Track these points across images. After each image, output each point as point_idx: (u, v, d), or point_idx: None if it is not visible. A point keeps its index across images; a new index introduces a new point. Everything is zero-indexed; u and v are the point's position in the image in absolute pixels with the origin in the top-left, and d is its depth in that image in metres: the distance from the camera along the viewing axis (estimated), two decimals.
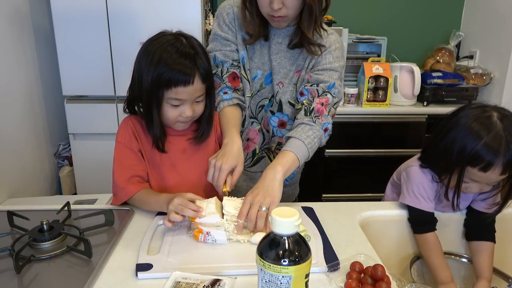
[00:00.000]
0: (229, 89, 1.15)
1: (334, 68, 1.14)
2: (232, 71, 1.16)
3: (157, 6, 2.06)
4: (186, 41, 1.00)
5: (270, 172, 0.98)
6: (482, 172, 0.93)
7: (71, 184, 2.39)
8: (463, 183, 0.98)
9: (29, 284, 0.77)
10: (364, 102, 2.30)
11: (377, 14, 2.70)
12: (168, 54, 0.96)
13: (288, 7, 1.01)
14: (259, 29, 1.11)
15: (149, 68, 0.97)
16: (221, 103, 1.14)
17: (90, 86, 2.19)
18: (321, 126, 1.09)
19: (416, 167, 1.08)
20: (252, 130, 1.26)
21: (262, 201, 0.92)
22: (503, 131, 0.91)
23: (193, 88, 0.98)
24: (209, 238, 0.90)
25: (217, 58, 1.17)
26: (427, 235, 1.05)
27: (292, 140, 1.05)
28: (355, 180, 2.45)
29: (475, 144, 0.92)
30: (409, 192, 1.08)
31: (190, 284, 0.75)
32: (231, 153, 1.01)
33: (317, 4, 1.02)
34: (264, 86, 1.20)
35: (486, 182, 0.97)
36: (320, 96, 1.11)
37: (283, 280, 0.59)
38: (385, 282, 0.76)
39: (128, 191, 1.05)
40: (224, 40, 1.16)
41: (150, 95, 0.99)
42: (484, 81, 2.37)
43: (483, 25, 2.51)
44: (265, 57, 1.18)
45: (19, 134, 2.01)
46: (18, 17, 2.02)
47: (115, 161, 1.08)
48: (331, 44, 1.14)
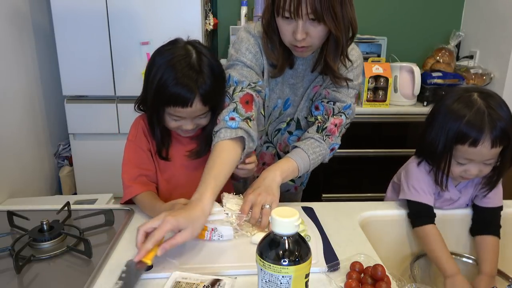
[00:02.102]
0: (238, 115, 0.98)
1: (353, 86, 1.11)
2: (246, 92, 1.01)
3: (157, 6, 2.06)
4: (196, 57, 0.96)
5: (270, 174, 0.99)
6: (473, 148, 0.94)
7: (71, 184, 2.39)
8: (460, 165, 0.99)
9: (29, 284, 0.77)
10: (364, 102, 2.30)
11: (377, 14, 2.70)
12: (170, 72, 0.94)
13: (312, 37, 0.94)
14: (282, 58, 1.04)
15: (152, 81, 0.97)
16: (222, 132, 0.96)
17: (90, 86, 2.19)
18: (329, 145, 1.10)
19: (413, 163, 1.10)
20: (267, 154, 1.24)
21: (264, 200, 0.93)
22: (484, 107, 0.94)
23: (192, 110, 0.96)
24: (215, 234, 0.90)
25: (232, 78, 1.03)
26: (427, 227, 1.05)
27: (299, 151, 1.06)
28: (355, 180, 2.45)
29: (458, 123, 0.95)
30: (409, 187, 1.09)
31: (190, 284, 0.75)
32: (189, 214, 0.81)
33: (344, 35, 0.95)
34: (283, 112, 1.17)
35: (482, 160, 0.97)
36: (335, 116, 1.10)
37: (283, 280, 0.59)
38: (385, 282, 0.76)
39: (131, 190, 1.05)
40: (247, 67, 1.04)
41: (152, 105, 1.00)
42: (484, 81, 2.37)
43: (483, 25, 2.50)
44: (285, 84, 1.13)
45: (19, 134, 2.01)
46: (18, 17, 2.02)
47: (124, 159, 1.08)
48: (354, 61, 1.08)
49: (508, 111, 0.96)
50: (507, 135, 0.94)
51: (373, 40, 2.49)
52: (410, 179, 1.09)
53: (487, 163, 0.98)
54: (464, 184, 1.10)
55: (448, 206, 1.12)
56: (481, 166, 0.99)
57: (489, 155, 0.95)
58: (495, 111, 0.94)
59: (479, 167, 0.99)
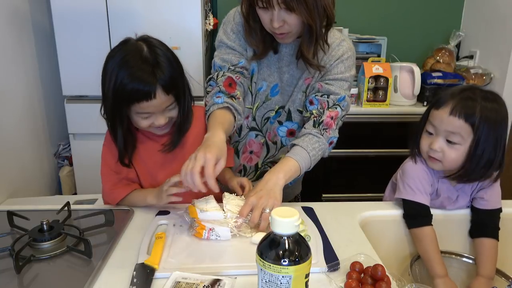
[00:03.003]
0: (222, 94, 1.09)
1: (345, 79, 1.12)
2: (228, 76, 1.10)
3: (157, 6, 2.06)
4: (148, 50, 0.95)
5: (273, 177, 0.99)
6: (436, 110, 1.01)
7: (71, 184, 2.39)
8: (428, 136, 1.04)
9: (29, 284, 0.77)
10: (364, 102, 2.30)
11: (377, 14, 2.70)
12: (125, 71, 0.92)
13: (289, 24, 0.98)
14: (263, 45, 1.09)
15: (109, 86, 0.95)
16: (212, 107, 1.07)
17: (90, 86, 2.18)
18: (328, 139, 1.10)
19: (410, 162, 1.10)
20: (256, 143, 1.25)
21: (265, 204, 0.92)
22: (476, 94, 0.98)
23: (157, 102, 0.95)
24: (212, 234, 0.90)
25: (215, 64, 1.14)
26: (425, 229, 1.05)
27: (298, 149, 1.06)
28: (355, 180, 2.45)
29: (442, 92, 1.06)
30: (405, 187, 1.09)
31: (190, 284, 0.75)
32: (215, 144, 0.91)
33: (318, 23, 0.98)
34: (270, 97, 1.19)
35: (442, 129, 0.99)
36: (330, 109, 1.10)
37: (283, 280, 0.59)
38: (385, 282, 0.76)
39: (115, 196, 1.06)
40: (229, 48, 1.13)
41: (113, 112, 0.98)
42: (484, 81, 2.37)
43: (483, 25, 2.50)
44: (272, 68, 1.16)
45: (19, 134, 2.01)
46: (18, 17, 2.02)
47: (102, 164, 1.07)
48: (344, 52, 1.10)
49: (496, 107, 0.97)
50: (472, 116, 0.95)
51: (373, 40, 2.49)
52: (406, 177, 1.09)
53: (450, 141, 0.99)
54: (461, 184, 1.09)
55: (448, 207, 1.12)
56: (443, 143, 1.00)
57: (448, 123, 0.97)
58: (485, 100, 0.96)
59: (441, 142, 1.00)
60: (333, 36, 1.12)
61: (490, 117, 0.95)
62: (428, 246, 1.03)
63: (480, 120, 0.94)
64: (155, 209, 1.04)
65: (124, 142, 1.02)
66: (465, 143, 0.97)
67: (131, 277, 0.77)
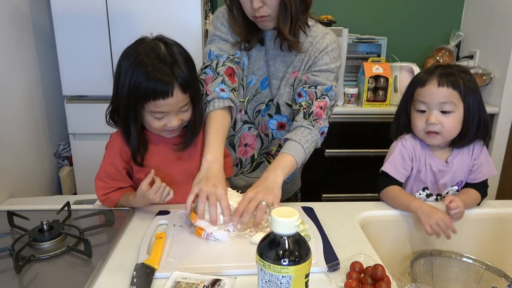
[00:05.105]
0: (226, 87, 1.09)
1: (331, 70, 1.14)
2: (228, 65, 1.12)
3: (157, 6, 2.06)
4: (165, 49, 0.96)
5: (271, 174, 1.00)
6: (423, 88, 1.10)
7: (71, 184, 2.39)
8: (421, 115, 1.12)
9: (29, 284, 0.77)
10: (364, 102, 2.30)
11: (377, 14, 2.70)
12: (142, 67, 0.92)
13: (268, 5, 1.02)
14: (245, 33, 1.12)
15: (123, 85, 0.94)
16: (216, 102, 1.07)
17: (90, 86, 2.18)
18: (319, 129, 1.11)
19: (396, 140, 1.19)
20: (249, 136, 1.26)
21: (263, 198, 0.93)
22: (453, 70, 1.10)
23: (174, 100, 0.94)
24: (211, 236, 0.91)
25: (212, 53, 1.14)
26: (392, 187, 1.13)
27: (291, 143, 1.06)
28: (355, 180, 2.44)
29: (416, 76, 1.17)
30: (389, 161, 1.16)
31: (190, 284, 0.75)
32: (217, 176, 0.95)
33: (293, 2, 1.03)
34: (260, 91, 1.20)
35: (435, 102, 1.08)
36: (319, 99, 1.12)
37: (283, 280, 0.59)
38: (385, 282, 0.76)
39: (110, 201, 1.06)
40: (223, 40, 1.15)
41: (127, 109, 0.97)
42: (484, 81, 2.37)
43: (483, 25, 2.50)
44: (260, 62, 1.18)
45: (19, 134, 2.00)
46: (18, 17, 2.02)
47: (100, 171, 1.07)
48: (328, 44, 1.14)
49: (471, 78, 1.10)
50: (458, 85, 1.07)
51: (373, 40, 2.48)
52: (389, 154, 1.18)
53: (444, 110, 1.08)
54: (454, 157, 1.14)
55: (442, 180, 1.14)
56: (438, 114, 1.08)
57: (439, 95, 1.07)
58: (462, 73, 1.09)
59: (437, 114, 1.08)
60: (317, 29, 1.16)
61: (470, 86, 1.08)
62: (400, 195, 1.10)
63: (464, 88, 1.07)
64: (155, 209, 1.04)
65: (138, 139, 1.02)
66: (458, 110, 1.08)
67: (131, 277, 0.77)
